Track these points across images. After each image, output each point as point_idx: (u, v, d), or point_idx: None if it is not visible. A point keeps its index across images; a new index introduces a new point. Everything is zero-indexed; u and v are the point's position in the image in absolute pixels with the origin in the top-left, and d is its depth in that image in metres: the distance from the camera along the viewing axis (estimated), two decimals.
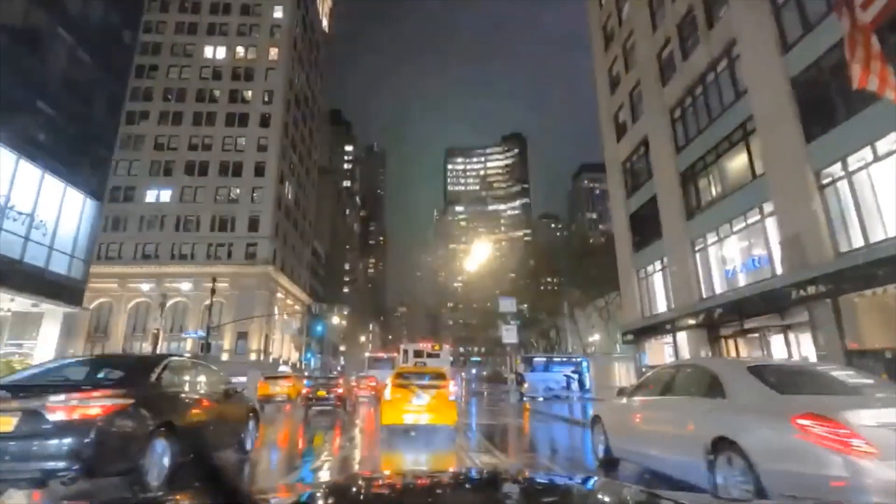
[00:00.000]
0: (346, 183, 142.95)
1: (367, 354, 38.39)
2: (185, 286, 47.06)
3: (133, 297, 47.95)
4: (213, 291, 25.81)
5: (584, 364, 27.73)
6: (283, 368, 43.43)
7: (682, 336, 19.39)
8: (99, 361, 6.34)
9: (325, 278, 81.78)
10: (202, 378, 6.39)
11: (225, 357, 46.71)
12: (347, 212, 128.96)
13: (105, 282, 44.86)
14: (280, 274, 52.36)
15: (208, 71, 55.41)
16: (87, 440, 4.01)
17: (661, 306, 21.45)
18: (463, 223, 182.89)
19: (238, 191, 51.40)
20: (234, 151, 52.57)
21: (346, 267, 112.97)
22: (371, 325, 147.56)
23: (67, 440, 3.96)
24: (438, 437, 9.55)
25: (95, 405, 4.20)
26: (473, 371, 79.05)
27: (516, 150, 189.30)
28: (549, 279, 56.86)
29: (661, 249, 21.13)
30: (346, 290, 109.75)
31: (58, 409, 4.03)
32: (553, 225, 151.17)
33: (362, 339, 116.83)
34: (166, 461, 4.78)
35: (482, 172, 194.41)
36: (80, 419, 4.08)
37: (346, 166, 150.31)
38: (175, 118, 53.23)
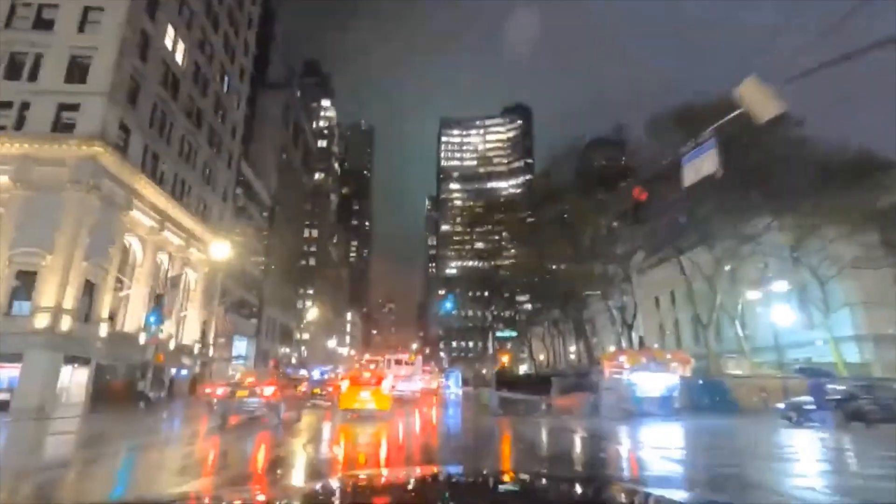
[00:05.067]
0: (323, 143, 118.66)
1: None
2: None
3: None
4: None
5: None
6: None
7: None
8: (263, 371, 25.93)
9: (270, 238, 57.05)
10: (290, 376, 24.31)
11: None
12: (319, 175, 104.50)
13: None
14: (136, 173, 27.72)
15: None
16: (280, 404, 14.44)
17: None
18: (458, 202, 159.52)
19: (54, 10, 26.85)
20: None
21: (313, 234, 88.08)
22: (350, 316, 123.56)
23: (278, 403, 14.24)
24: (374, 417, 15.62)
25: (269, 392, 13.81)
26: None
27: (519, 122, 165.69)
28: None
29: None
30: (310, 262, 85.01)
31: (259, 393, 13.77)
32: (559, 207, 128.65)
33: (334, 329, 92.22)
34: (283, 411, 14.19)
35: (481, 146, 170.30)
36: (266, 396, 13.73)
37: (322, 123, 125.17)
38: None
